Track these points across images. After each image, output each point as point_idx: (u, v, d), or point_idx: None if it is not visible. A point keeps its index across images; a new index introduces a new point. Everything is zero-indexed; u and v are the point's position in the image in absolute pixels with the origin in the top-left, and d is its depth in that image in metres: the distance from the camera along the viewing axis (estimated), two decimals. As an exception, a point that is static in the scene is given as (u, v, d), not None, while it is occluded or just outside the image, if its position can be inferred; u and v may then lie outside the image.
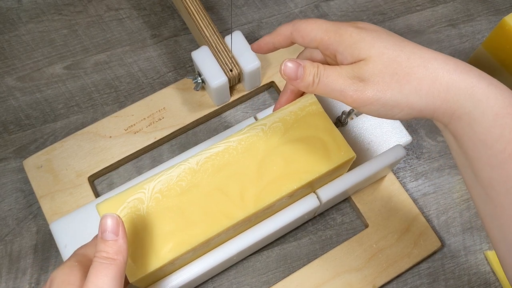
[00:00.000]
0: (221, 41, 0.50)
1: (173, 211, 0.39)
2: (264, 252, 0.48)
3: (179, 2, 0.50)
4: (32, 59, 0.58)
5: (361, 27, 0.34)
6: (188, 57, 0.58)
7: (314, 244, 0.49)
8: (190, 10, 0.49)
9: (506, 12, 0.60)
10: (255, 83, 0.53)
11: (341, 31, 0.34)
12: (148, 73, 0.57)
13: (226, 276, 0.48)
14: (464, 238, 0.49)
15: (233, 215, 0.39)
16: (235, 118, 0.54)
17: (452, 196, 0.51)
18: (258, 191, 0.40)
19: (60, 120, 0.54)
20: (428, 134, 0.54)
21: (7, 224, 0.50)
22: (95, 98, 0.55)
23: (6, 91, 0.56)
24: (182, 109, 0.53)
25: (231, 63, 0.50)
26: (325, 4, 0.61)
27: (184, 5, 0.49)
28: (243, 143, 0.41)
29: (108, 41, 0.59)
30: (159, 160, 0.52)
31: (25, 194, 0.51)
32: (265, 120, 0.42)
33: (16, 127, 0.54)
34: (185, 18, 0.50)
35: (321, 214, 0.50)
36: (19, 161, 0.52)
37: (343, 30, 0.34)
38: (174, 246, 0.38)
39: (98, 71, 0.57)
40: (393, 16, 0.60)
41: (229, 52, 0.49)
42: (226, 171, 0.40)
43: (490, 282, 0.48)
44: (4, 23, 0.60)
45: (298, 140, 0.41)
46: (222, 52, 0.50)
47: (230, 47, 0.49)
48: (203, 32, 0.50)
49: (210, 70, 0.49)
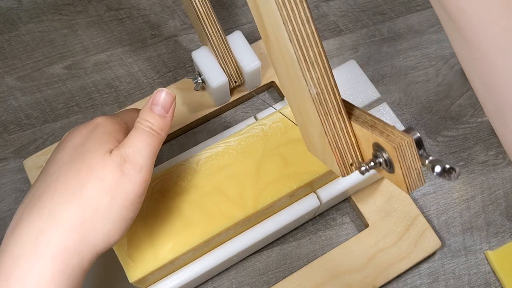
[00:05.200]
0: (225, 42, 0.49)
1: (173, 211, 0.39)
2: (264, 252, 0.48)
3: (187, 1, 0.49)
4: (32, 59, 0.58)
5: None
6: (188, 57, 0.58)
7: (314, 244, 0.49)
8: (197, 8, 0.48)
9: (506, 12, 0.60)
10: (255, 83, 0.53)
11: None
12: (148, 73, 0.57)
13: (226, 276, 0.48)
14: (464, 238, 0.49)
15: (233, 215, 0.39)
16: (235, 118, 0.54)
17: (452, 196, 0.51)
18: (258, 191, 0.40)
19: (60, 120, 0.54)
20: (428, 134, 0.54)
21: (6, 224, 0.50)
22: (95, 98, 0.55)
23: (6, 91, 0.56)
24: (182, 109, 0.53)
25: (235, 74, 0.49)
26: (325, 4, 0.61)
27: (192, 3, 0.49)
28: (243, 143, 0.41)
29: (108, 41, 0.59)
30: (159, 160, 0.52)
31: (25, 194, 0.51)
32: (265, 120, 0.42)
33: (16, 127, 0.54)
34: (190, 15, 0.49)
35: (321, 214, 0.50)
36: (19, 161, 0.52)
37: None
38: (174, 246, 0.38)
39: (98, 71, 0.57)
40: (393, 16, 0.60)
41: (232, 54, 0.49)
42: (226, 171, 0.40)
43: (490, 282, 0.48)
44: (4, 23, 0.60)
45: (298, 140, 0.41)
46: (225, 54, 0.49)
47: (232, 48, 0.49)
48: (208, 30, 0.49)
49: (210, 70, 0.49)
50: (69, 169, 0.31)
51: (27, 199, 0.32)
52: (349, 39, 0.58)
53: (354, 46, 0.58)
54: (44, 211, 0.30)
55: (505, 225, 0.50)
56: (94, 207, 0.30)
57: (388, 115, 0.47)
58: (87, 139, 0.33)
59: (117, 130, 0.34)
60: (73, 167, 0.31)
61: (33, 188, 0.33)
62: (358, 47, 0.58)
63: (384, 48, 0.58)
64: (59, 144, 0.34)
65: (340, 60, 0.57)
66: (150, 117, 0.33)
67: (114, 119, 0.35)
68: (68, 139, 0.34)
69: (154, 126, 0.33)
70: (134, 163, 0.31)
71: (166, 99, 0.33)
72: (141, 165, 0.32)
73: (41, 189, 0.32)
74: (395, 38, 0.58)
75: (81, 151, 0.32)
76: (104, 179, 0.31)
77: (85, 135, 0.33)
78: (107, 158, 0.31)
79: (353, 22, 0.60)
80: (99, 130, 0.33)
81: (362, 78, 0.48)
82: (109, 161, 0.31)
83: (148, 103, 0.34)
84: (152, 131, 0.33)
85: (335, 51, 0.58)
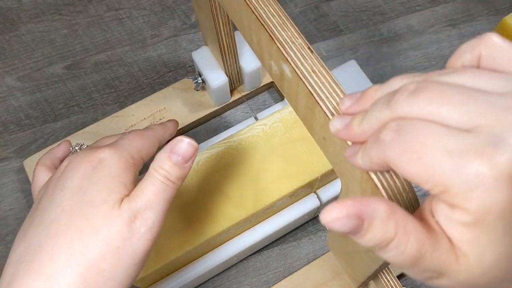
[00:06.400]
0: (234, 39, 0.48)
1: (173, 211, 0.39)
2: (264, 252, 0.48)
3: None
4: (32, 59, 0.58)
5: None
6: (188, 57, 0.58)
7: (314, 244, 0.49)
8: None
9: (506, 12, 0.60)
10: (255, 83, 0.53)
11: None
12: (148, 73, 0.57)
13: (226, 276, 0.48)
14: (464, 238, 0.49)
15: (233, 215, 0.39)
16: (235, 118, 0.54)
17: (452, 196, 0.51)
18: (259, 191, 0.40)
19: (61, 120, 0.54)
20: (428, 134, 0.54)
21: (7, 224, 0.50)
22: (95, 98, 0.55)
23: (6, 91, 0.56)
24: (182, 109, 0.53)
25: (236, 75, 0.49)
26: (325, 4, 0.61)
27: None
28: (243, 143, 0.41)
29: (108, 41, 0.59)
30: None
31: (26, 194, 0.51)
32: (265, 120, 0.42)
33: (17, 127, 0.54)
34: (201, 8, 0.47)
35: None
36: (19, 161, 0.52)
37: None
38: (174, 246, 0.38)
39: (98, 71, 0.57)
40: (393, 16, 0.60)
41: (237, 55, 0.48)
42: (226, 171, 0.40)
43: (490, 282, 0.48)
44: (4, 23, 0.60)
45: (299, 140, 0.41)
46: (231, 53, 0.49)
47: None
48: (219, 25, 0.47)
49: (210, 70, 0.49)
50: (70, 224, 0.28)
51: (21, 248, 0.29)
52: (349, 39, 0.58)
53: (354, 46, 0.58)
54: (42, 273, 0.27)
55: (505, 225, 0.50)
56: (98, 268, 0.28)
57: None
58: (89, 182, 0.29)
59: (124, 170, 0.30)
60: (74, 224, 0.28)
61: (29, 231, 0.29)
62: (358, 47, 0.58)
63: (384, 48, 0.58)
64: (58, 178, 0.31)
65: (340, 60, 0.57)
66: (167, 165, 0.29)
67: (121, 154, 0.31)
68: (67, 177, 0.30)
69: (171, 175, 0.30)
70: (145, 220, 0.29)
71: (188, 150, 0.30)
72: (153, 221, 0.29)
73: (38, 242, 0.28)
74: (395, 38, 0.58)
75: (83, 200, 0.29)
76: (111, 239, 0.28)
77: (87, 175, 0.30)
78: (115, 214, 0.28)
79: (353, 22, 0.60)
80: (103, 171, 0.30)
81: (362, 78, 0.48)
82: (116, 218, 0.28)
83: (166, 149, 0.30)
84: (168, 181, 0.30)
85: (335, 51, 0.58)
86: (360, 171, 0.23)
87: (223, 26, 0.43)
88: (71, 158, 0.31)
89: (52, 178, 0.31)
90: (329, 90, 0.25)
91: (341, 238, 0.36)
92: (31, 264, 0.27)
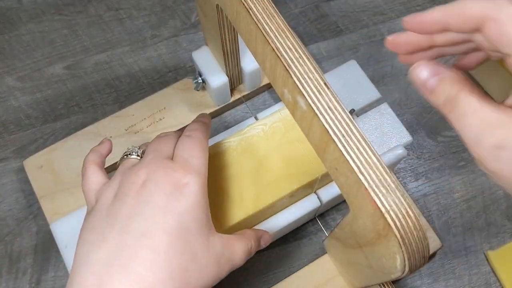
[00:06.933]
0: (236, 47, 0.48)
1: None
2: (264, 252, 0.48)
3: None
4: (32, 59, 0.58)
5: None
6: (188, 57, 0.58)
7: (314, 244, 0.49)
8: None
9: (506, 12, 0.60)
10: (255, 83, 0.53)
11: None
12: (148, 73, 0.57)
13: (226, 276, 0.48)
14: (464, 238, 0.49)
15: (233, 216, 0.39)
16: (235, 118, 0.54)
17: (452, 196, 0.51)
18: (258, 191, 0.40)
19: (61, 120, 0.54)
20: (428, 134, 0.54)
21: (7, 224, 0.50)
22: (95, 98, 0.55)
23: (6, 91, 0.56)
24: (182, 109, 0.53)
25: (237, 75, 0.49)
26: (325, 4, 0.61)
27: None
28: (243, 143, 0.41)
29: (108, 41, 0.59)
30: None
31: (26, 194, 0.51)
32: (266, 120, 0.42)
33: (17, 127, 0.54)
34: (206, 8, 0.47)
35: (321, 215, 0.50)
36: (19, 161, 0.52)
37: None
38: (174, 247, 0.38)
39: (98, 71, 0.57)
40: (393, 17, 0.60)
41: (239, 55, 0.48)
42: (227, 171, 0.40)
43: (490, 282, 0.48)
44: (4, 23, 0.60)
45: (299, 140, 0.41)
46: (232, 58, 0.48)
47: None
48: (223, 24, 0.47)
49: (210, 70, 0.49)
50: (170, 245, 0.29)
51: (106, 251, 0.28)
52: (349, 39, 0.58)
53: (354, 46, 0.58)
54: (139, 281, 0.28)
55: (505, 225, 0.50)
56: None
57: (388, 115, 0.47)
58: (179, 204, 0.29)
59: (205, 198, 0.31)
60: (175, 245, 0.29)
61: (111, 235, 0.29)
62: (358, 47, 0.58)
63: (384, 48, 0.58)
64: (138, 190, 0.30)
65: (340, 60, 0.57)
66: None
67: (203, 182, 0.32)
68: (151, 192, 0.30)
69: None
70: (234, 265, 0.35)
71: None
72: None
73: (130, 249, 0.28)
74: (395, 38, 0.58)
75: (179, 227, 0.29)
76: (206, 267, 0.31)
77: (174, 197, 0.29)
78: (209, 248, 0.31)
79: (353, 22, 0.60)
80: (190, 198, 0.30)
81: (362, 78, 0.48)
82: (211, 254, 0.32)
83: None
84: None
85: (335, 51, 0.58)
86: (372, 206, 0.24)
87: (229, 35, 0.43)
88: (147, 171, 0.31)
89: (124, 186, 0.31)
90: (345, 129, 0.25)
91: (342, 248, 0.36)
92: (124, 268, 0.27)
